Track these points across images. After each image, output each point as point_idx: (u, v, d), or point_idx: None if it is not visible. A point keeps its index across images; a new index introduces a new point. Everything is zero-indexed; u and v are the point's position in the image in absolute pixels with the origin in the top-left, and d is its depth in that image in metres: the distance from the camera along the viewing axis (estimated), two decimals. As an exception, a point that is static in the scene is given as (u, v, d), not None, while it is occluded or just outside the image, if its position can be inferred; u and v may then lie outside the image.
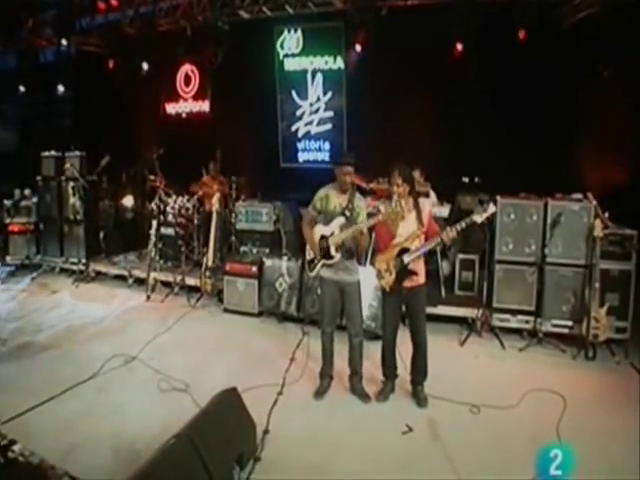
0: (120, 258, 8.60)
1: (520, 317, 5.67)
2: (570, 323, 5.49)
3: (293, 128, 9.48)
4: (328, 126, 9.22)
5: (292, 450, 3.71)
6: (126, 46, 9.56)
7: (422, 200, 4.22)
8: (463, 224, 3.87)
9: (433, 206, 6.34)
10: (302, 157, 9.52)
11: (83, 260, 8.36)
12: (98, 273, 8.33)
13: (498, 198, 5.59)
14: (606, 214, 5.42)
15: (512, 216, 5.63)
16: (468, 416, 4.14)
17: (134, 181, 9.31)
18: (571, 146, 6.86)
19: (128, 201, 9.40)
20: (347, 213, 4.15)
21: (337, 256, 4.16)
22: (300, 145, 9.49)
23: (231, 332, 6.03)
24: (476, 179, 7.51)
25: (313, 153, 9.43)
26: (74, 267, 8.44)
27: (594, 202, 5.45)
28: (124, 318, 6.43)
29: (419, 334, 4.22)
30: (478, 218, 3.85)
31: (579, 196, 5.62)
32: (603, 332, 5.13)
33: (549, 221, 5.47)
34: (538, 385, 4.55)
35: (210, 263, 6.82)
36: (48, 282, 8.12)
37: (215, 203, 6.92)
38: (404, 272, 4.03)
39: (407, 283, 4.09)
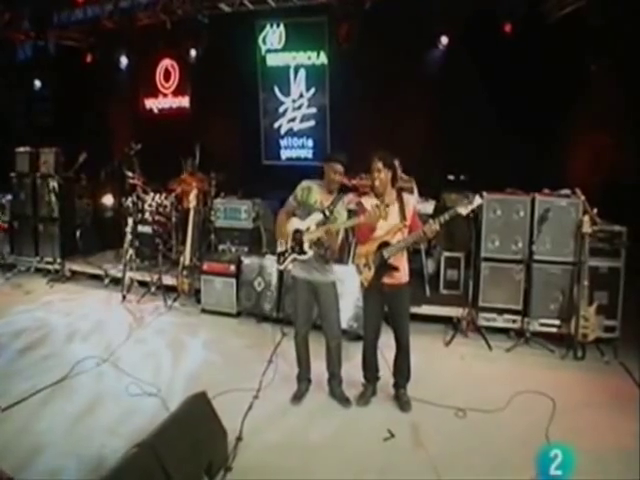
0: (97, 257, 8.31)
1: (507, 316, 5.50)
2: (558, 322, 5.33)
3: (275, 125, 9.29)
4: (311, 123, 9.04)
5: (266, 458, 3.50)
6: (105, 40, 9.36)
7: (407, 195, 3.99)
8: (447, 216, 3.67)
9: (417, 203, 6.14)
10: (285, 154, 9.33)
11: (58, 260, 8.11)
12: (74, 273, 8.07)
13: (484, 193, 5.41)
14: (594, 210, 5.26)
15: (498, 212, 5.46)
16: (453, 420, 3.94)
17: (113, 178, 9.01)
18: (559, 142, 6.77)
19: (108, 200, 9.11)
20: (326, 211, 3.90)
21: (310, 253, 3.93)
22: (283, 142, 9.30)
23: (208, 333, 5.79)
24: (462, 177, 7.34)
25: (296, 150, 9.24)
26: (49, 267, 8.18)
27: (582, 198, 5.30)
28: (98, 319, 6.19)
29: (402, 335, 4.00)
30: (463, 210, 3.65)
31: (567, 192, 5.47)
32: (592, 331, 4.98)
33: (536, 217, 5.31)
34: (526, 387, 4.38)
35: (187, 262, 6.58)
36: (22, 282, 7.85)
37: (192, 200, 6.69)
38: (384, 267, 3.82)
39: (387, 279, 3.87)
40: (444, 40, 7.35)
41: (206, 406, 3.44)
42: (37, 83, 10.29)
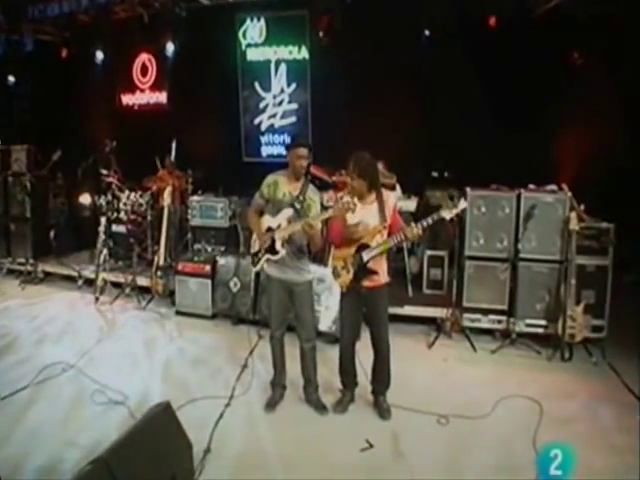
0: (71, 258, 8.03)
1: (492, 317, 5.32)
2: (545, 322, 5.16)
3: (256, 121, 9.01)
4: (292, 119, 8.78)
5: (236, 470, 3.29)
6: (80, 35, 9.09)
7: (387, 193, 3.77)
8: (430, 220, 3.47)
9: (398, 200, 5.95)
10: (265, 151, 9.07)
11: (31, 260, 7.85)
12: (47, 274, 7.80)
13: (468, 190, 5.24)
14: (581, 206, 5.10)
15: (483, 209, 5.27)
16: (436, 428, 3.73)
17: (90, 177, 8.73)
18: (544, 137, 6.59)
19: (85, 199, 8.80)
20: (297, 205, 3.69)
21: (282, 252, 3.71)
22: (263, 139, 9.04)
23: (181, 337, 5.56)
24: (446, 173, 7.17)
25: (277, 147, 8.97)
26: (22, 268, 7.91)
27: (569, 194, 5.14)
28: (69, 322, 5.93)
29: (380, 339, 3.78)
30: (447, 214, 3.45)
31: (553, 187, 5.30)
32: (579, 332, 4.81)
33: (522, 214, 5.14)
34: (512, 390, 4.20)
35: (161, 262, 6.33)
36: (-7, 284, 7.53)
37: (166, 198, 6.45)
38: (363, 270, 3.59)
39: (366, 282, 3.65)
40: (427, 34, 7.15)
41: (170, 417, 3.20)
42: (10, 79, 9.93)
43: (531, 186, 5.37)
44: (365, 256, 3.56)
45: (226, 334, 5.58)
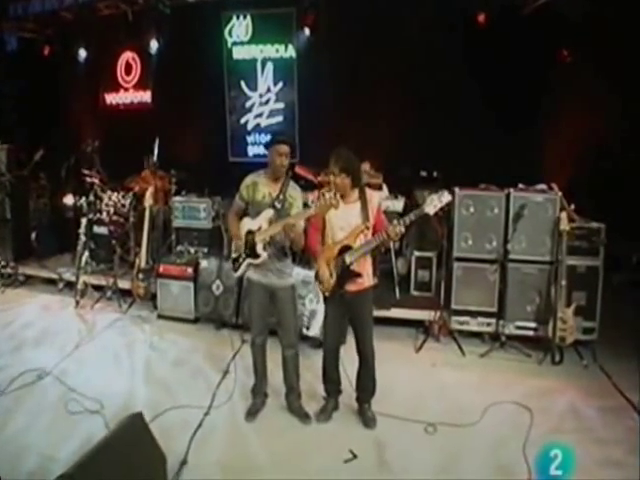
0: (53, 260, 7.80)
1: (481, 319, 5.19)
2: (535, 325, 5.05)
3: (242, 121, 8.84)
4: (279, 118, 8.62)
5: (214, 483, 3.12)
6: (64, 32, 8.96)
7: (370, 192, 3.63)
8: (412, 216, 3.33)
9: (385, 199, 5.83)
10: (252, 151, 8.89)
11: (11, 263, 7.59)
12: (28, 277, 7.57)
13: (456, 189, 5.11)
14: (572, 206, 5.00)
15: (471, 209, 5.14)
16: (422, 437, 3.59)
17: (74, 177, 8.54)
18: (534, 136, 6.50)
19: (69, 199, 8.60)
20: (277, 205, 3.54)
21: (264, 255, 3.56)
22: (250, 138, 8.86)
23: (162, 342, 5.39)
24: (435, 173, 7.03)
25: (263, 147, 8.58)
26: (2, 271, 7.61)
27: (559, 193, 5.03)
28: (46, 327, 5.74)
29: (365, 345, 3.63)
30: (430, 209, 3.30)
31: (543, 187, 5.20)
32: (570, 334, 4.70)
33: (511, 214, 5.02)
34: (501, 396, 4.08)
35: (143, 264, 6.14)
36: (-29, 288, 7.30)
37: (148, 199, 6.25)
38: (346, 274, 3.45)
39: (350, 286, 3.50)
40: (416, 31, 7.02)
41: (142, 428, 3.04)
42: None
43: (521, 186, 5.26)
44: (348, 259, 3.41)
45: (208, 339, 5.41)
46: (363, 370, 3.69)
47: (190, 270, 5.79)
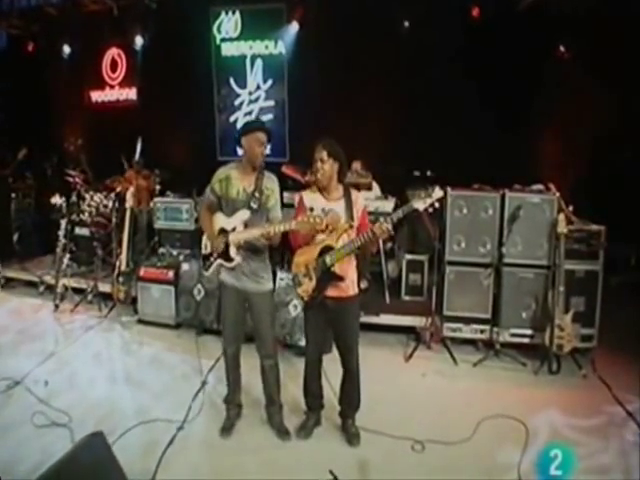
0: (34, 262, 7.54)
1: (474, 326, 4.95)
2: (531, 332, 4.82)
3: (231, 119, 8.61)
4: (269, 116, 8.36)
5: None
6: (48, 28, 8.74)
7: (355, 193, 3.39)
8: (400, 213, 3.08)
9: (374, 199, 5.59)
10: (241, 150, 8.61)
11: None
12: (8, 280, 7.31)
13: (448, 189, 4.87)
14: (570, 207, 4.77)
15: (464, 210, 4.90)
16: (409, 455, 3.34)
17: (56, 176, 8.31)
18: (530, 134, 6.33)
19: (56, 199, 8.38)
20: (253, 204, 3.27)
21: (237, 259, 3.31)
22: (240, 137, 8.62)
23: (141, 349, 5.15)
24: (429, 172, 6.81)
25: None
26: None
27: (557, 194, 4.80)
28: (23, 332, 5.51)
29: (349, 358, 3.37)
30: (420, 204, 3.05)
31: (540, 187, 4.97)
32: (568, 342, 4.46)
33: (507, 216, 4.78)
34: (495, 409, 3.82)
35: (123, 267, 5.89)
36: (-50, 290, 7.07)
37: (129, 199, 6.03)
38: (327, 277, 3.19)
39: (332, 292, 3.25)
40: (407, 25, 6.82)
41: (102, 448, 2.77)
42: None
43: (516, 186, 5.02)
44: (329, 260, 3.16)
45: (189, 346, 5.14)
46: (347, 383, 3.45)
47: (171, 274, 5.55)
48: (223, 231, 3.34)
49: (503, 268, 4.82)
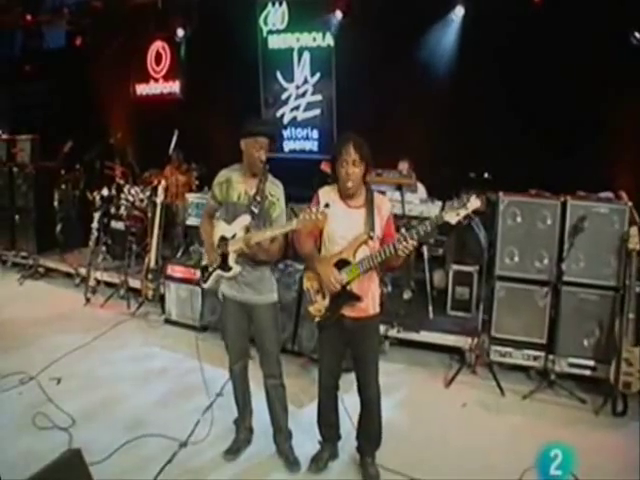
0: (74, 254, 7.54)
1: (526, 352, 4.36)
2: (593, 364, 4.19)
3: (278, 114, 8.36)
4: (316, 112, 8.08)
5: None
6: (95, 23, 8.96)
7: (380, 197, 2.94)
8: (428, 227, 2.60)
9: (419, 203, 5.10)
10: (288, 146, 8.40)
11: (34, 255, 7.51)
12: (48, 270, 7.42)
13: (500, 195, 4.34)
14: (645, 219, 4.13)
15: (518, 219, 4.33)
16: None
17: (95, 169, 8.35)
18: (600, 134, 5.62)
19: (103, 192, 8.44)
20: (254, 209, 2.94)
21: (236, 269, 2.98)
22: (286, 133, 8.37)
23: (161, 351, 4.94)
24: (486, 175, 6.28)
25: (300, 142, 8.31)
26: (25, 262, 7.58)
27: (629, 204, 4.17)
28: (49, 324, 5.45)
29: (368, 387, 2.92)
30: (452, 217, 2.57)
31: (609, 195, 4.34)
32: (637, 379, 3.81)
33: (568, 227, 4.20)
34: (544, 454, 3.24)
35: (152, 264, 5.71)
36: (-7, 277, 7.22)
37: (160, 194, 5.85)
38: (342, 296, 2.75)
39: (348, 311, 2.81)
40: (462, 13, 6.37)
41: (78, 469, 2.48)
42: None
43: (581, 193, 4.43)
44: (345, 276, 2.72)
45: (212, 352, 4.78)
46: (365, 416, 2.99)
47: (198, 273, 5.26)
48: (223, 239, 3.02)
49: (562, 287, 4.23)
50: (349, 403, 3.29)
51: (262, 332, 3.08)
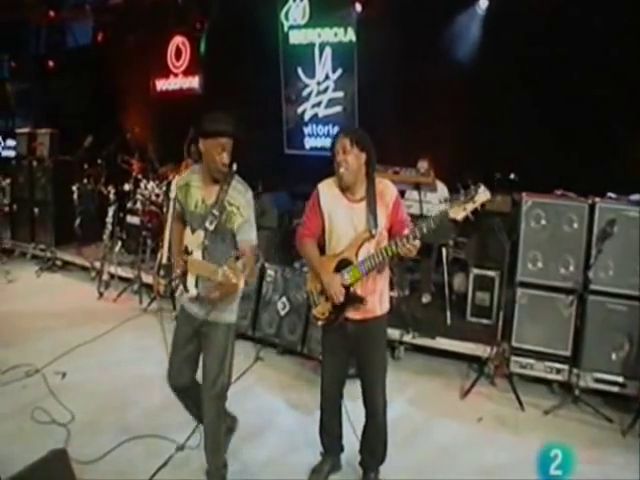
0: (91, 248, 7.55)
1: (549, 364, 4.10)
2: (621, 380, 3.90)
3: (299, 110, 8.27)
4: (338, 108, 7.95)
5: None
6: (115, 18, 9.15)
7: (384, 182, 2.71)
8: (431, 224, 2.43)
9: (438, 203, 4.88)
10: (309, 143, 8.33)
11: (52, 248, 7.62)
12: (66, 263, 7.52)
13: (524, 195, 4.11)
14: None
15: (543, 222, 4.08)
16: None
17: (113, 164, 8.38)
18: (631, 134, 5.33)
19: (125, 186, 8.46)
20: (209, 225, 2.62)
21: (193, 292, 2.72)
22: (307, 130, 8.29)
23: (168, 349, 4.77)
24: (512, 176, 6.03)
25: (321, 139, 8.19)
26: (43, 254, 7.70)
27: (664, 207, 3.87)
28: (61, 317, 5.48)
29: (373, 396, 2.72)
30: (458, 213, 2.37)
31: (641, 197, 4.05)
32: (670, 398, 3.53)
33: (596, 231, 3.93)
34: (566, 478, 3.00)
35: (164, 260, 5.57)
36: (10, 269, 7.22)
37: (173, 189, 5.68)
38: (345, 298, 2.58)
39: (353, 313, 2.63)
40: (486, 5, 6.22)
41: (62, 469, 2.40)
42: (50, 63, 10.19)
43: (610, 194, 4.14)
44: (347, 277, 2.54)
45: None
46: (370, 429, 2.80)
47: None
48: (185, 250, 2.77)
49: (589, 296, 3.97)
50: (355, 413, 3.10)
51: (207, 352, 2.80)
